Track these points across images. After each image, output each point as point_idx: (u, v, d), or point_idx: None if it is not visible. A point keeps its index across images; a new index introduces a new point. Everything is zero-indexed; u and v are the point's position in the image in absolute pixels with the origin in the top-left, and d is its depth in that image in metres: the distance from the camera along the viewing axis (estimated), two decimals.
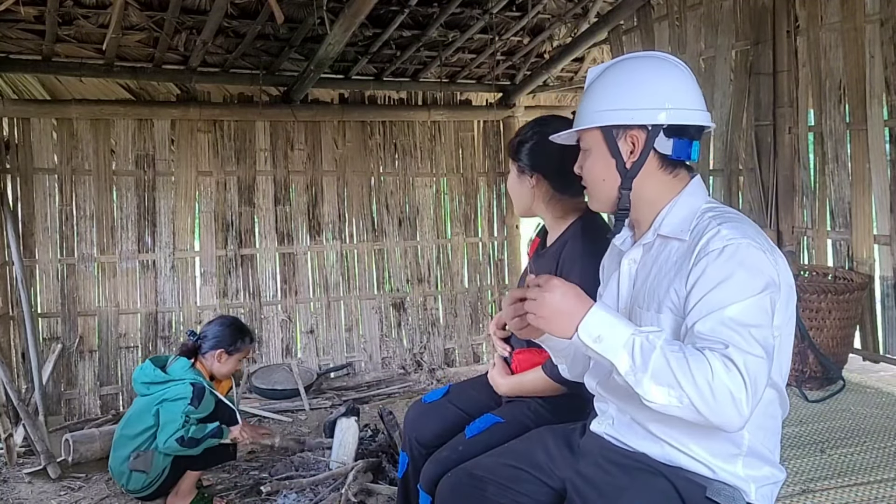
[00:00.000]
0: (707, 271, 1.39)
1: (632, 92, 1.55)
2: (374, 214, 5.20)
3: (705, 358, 1.28)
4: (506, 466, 1.67)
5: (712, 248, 1.41)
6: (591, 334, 1.36)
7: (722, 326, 1.33)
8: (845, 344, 2.97)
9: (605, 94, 1.59)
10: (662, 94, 1.55)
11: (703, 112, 1.59)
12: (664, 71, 1.58)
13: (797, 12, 3.40)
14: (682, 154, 1.56)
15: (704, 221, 1.49)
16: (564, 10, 4.53)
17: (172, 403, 2.94)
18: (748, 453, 1.48)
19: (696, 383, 1.26)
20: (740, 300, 1.35)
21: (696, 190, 1.59)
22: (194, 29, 4.00)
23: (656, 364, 1.29)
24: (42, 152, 4.36)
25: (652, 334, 1.34)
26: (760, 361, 1.30)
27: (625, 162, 1.56)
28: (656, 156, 1.56)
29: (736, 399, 1.26)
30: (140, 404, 3.06)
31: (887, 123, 3.04)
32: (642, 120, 1.54)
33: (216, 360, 3.13)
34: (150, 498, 3.08)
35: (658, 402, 1.30)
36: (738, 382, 1.26)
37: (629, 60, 1.63)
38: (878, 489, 1.97)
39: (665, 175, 1.57)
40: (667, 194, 1.57)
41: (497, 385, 2.18)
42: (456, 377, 4.83)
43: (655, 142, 1.54)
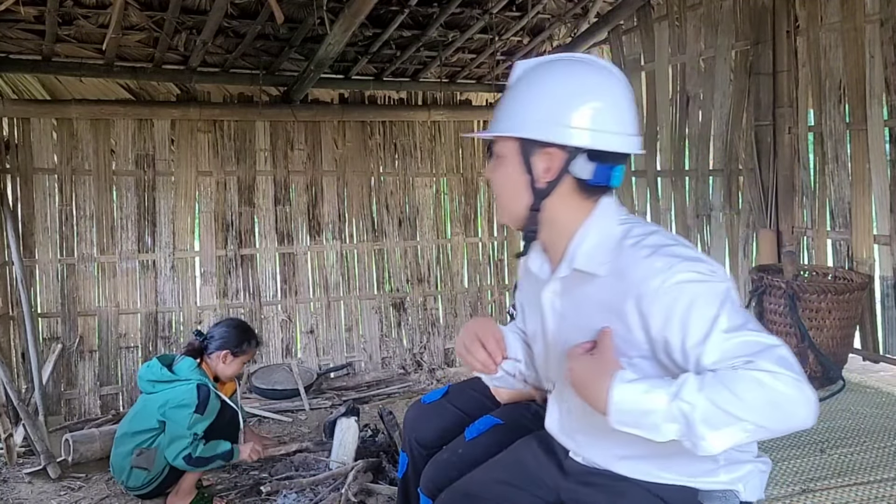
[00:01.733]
0: (669, 312, 1.29)
1: (558, 104, 1.40)
2: (374, 214, 5.20)
3: (749, 376, 1.18)
4: (500, 484, 1.62)
5: (656, 287, 1.30)
6: (626, 423, 1.26)
7: (728, 343, 1.24)
8: (845, 344, 2.97)
9: (529, 99, 1.43)
10: (592, 111, 1.39)
11: (633, 137, 1.44)
12: (600, 84, 1.42)
13: (797, 12, 3.40)
14: (602, 180, 1.42)
15: (626, 255, 1.37)
16: (564, 10, 4.53)
17: (178, 410, 2.94)
18: (726, 463, 1.45)
19: (752, 408, 1.18)
20: (720, 309, 1.27)
21: (605, 212, 1.45)
22: (194, 29, 4.00)
23: (703, 414, 1.19)
24: (42, 152, 4.36)
25: (681, 389, 1.22)
26: (783, 348, 1.23)
27: (536, 180, 1.43)
28: (572, 179, 1.42)
29: (795, 397, 1.18)
30: (145, 402, 3.07)
31: (887, 123, 3.04)
32: (563, 139, 1.39)
33: (221, 361, 3.14)
34: (150, 496, 3.09)
35: (726, 445, 1.21)
36: (787, 380, 1.18)
37: (564, 64, 1.46)
38: (878, 489, 1.97)
39: (579, 199, 1.44)
40: (579, 218, 1.45)
41: (498, 393, 2.18)
42: (456, 377, 4.83)
43: (574, 165, 1.40)
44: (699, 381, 1.22)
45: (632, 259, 1.35)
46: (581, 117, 1.39)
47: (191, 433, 2.93)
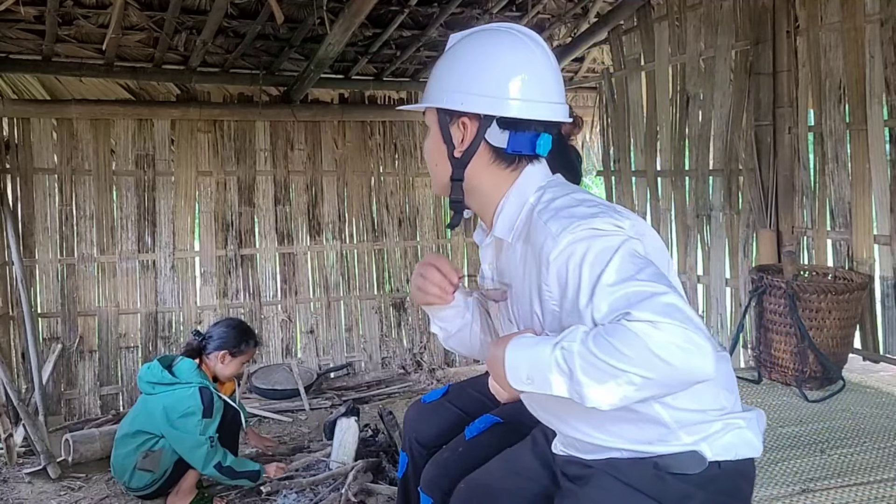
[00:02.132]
0: (563, 272, 1.26)
1: (471, 73, 1.40)
2: (374, 214, 5.20)
3: (625, 328, 1.13)
4: (513, 474, 1.63)
5: (549, 251, 1.28)
6: (521, 378, 1.23)
7: (614, 297, 1.18)
8: (845, 344, 2.97)
9: (447, 71, 1.44)
10: (504, 79, 1.38)
11: (551, 105, 1.41)
12: (514, 52, 1.40)
13: (797, 12, 3.40)
14: (522, 148, 1.40)
15: (534, 223, 1.35)
16: (564, 10, 4.53)
17: (186, 420, 2.94)
18: (680, 425, 1.36)
19: (632, 359, 1.11)
20: (608, 261, 1.21)
21: (527, 181, 1.43)
22: (194, 29, 4.00)
23: (583, 364, 1.15)
24: (42, 152, 4.36)
25: (566, 338, 1.19)
26: (670, 294, 1.15)
27: (454, 149, 1.43)
28: (489, 148, 1.41)
29: (682, 346, 1.10)
30: (146, 404, 3.07)
31: (887, 123, 3.04)
32: (473, 107, 1.38)
33: (220, 362, 3.14)
34: (151, 497, 3.09)
35: (614, 399, 1.15)
36: (670, 330, 1.11)
37: (482, 34, 1.45)
38: (878, 489, 1.97)
39: (500, 169, 1.43)
40: (502, 187, 1.44)
41: (499, 393, 2.18)
42: (456, 377, 4.83)
43: (487, 133, 1.40)
44: (584, 333, 1.18)
45: (535, 225, 1.34)
46: (486, 85, 1.38)
47: (206, 438, 2.94)
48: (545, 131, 1.42)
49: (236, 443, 3.24)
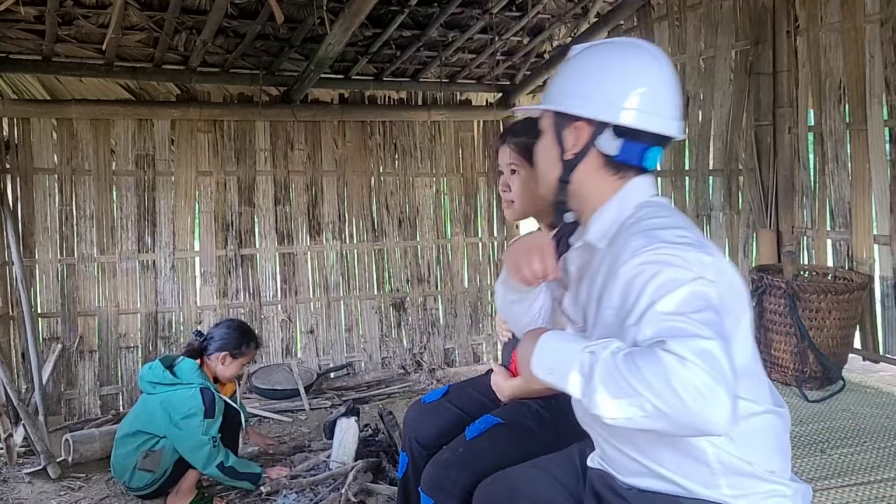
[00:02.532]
0: (627, 288, 1.26)
1: (592, 80, 1.43)
2: (374, 214, 5.20)
3: (656, 355, 1.13)
4: (544, 482, 1.62)
5: (623, 262, 1.29)
6: (544, 367, 1.26)
7: (661, 324, 1.18)
8: (845, 344, 2.97)
9: (568, 77, 1.48)
10: (624, 90, 1.41)
11: (667, 119, 1.43)
12: (637, 65, 1.43)
13: (797, 12, 3.40)
14: (631, 158, 1.43)
15: (622, 235, 1.37)
16: (564, 10, 4.53)
17: (188, 421, 2.94)
18: (724, 471, 1.34)
19: (651, 385, 1.11)
20: (670, 291, 1.20)
21: (631, 192, 1.45)
22: (194, 29, 4.00)
23: (604, 374, 1.16)
24: (42, 152, 4.36)
25: (599, 344, 1.20)
26: (713, 343, 1.13)
27: (566, 152, 1.46)
28: (599, 154, 1.44)
29: (702, 391, 1.09)
30: (146, 403, 3.07)
31: (887, 123, 3.04)
32: (590, 113, 1.42)
33: (220, 363, 3.14)
34: (151, 496, 3.09)
35: (620, 416, 1.14)
36: (696, 373, 1.09)
37: (606, 45, 1.50)
38: (878, 489, 1.97)
39: (607, 175, 1.46)
40: (605, 194, 1.46)
41: (500, 390, 2.18)
42: (456, 377, 4.83)
43: (600, 139, 1.43)
44: (617, 346, 1.19)
45: (623, 238, 1.36)
46: (605, 93, 1.41)
47: (208, 438, 2.95)
48: (657, 145, 1.44)
49: (237, 443, 3.24)
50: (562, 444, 1.80)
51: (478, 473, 1.82)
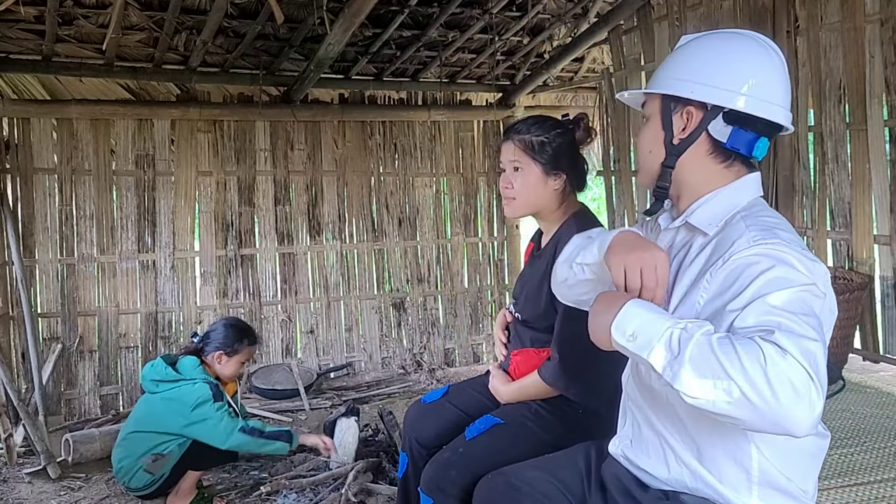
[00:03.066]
0: (735, 274, 1.25)
1: (704, 66, 1.43)
2: (374, 214, 5.20)
3: (756, 344, 1.10)
4: (545, 481, 1.61)
5: (738, 250, 1.27)
6: (625, 332, 1.22)
7: (767, 315, 1.16)
8: (845, 344, 2.97)
9: (678, 62, 1.48)
10: (737, 76, 1.40)
11: (779, 108, 1.41)
12: (752, 54, 1.42)
13: (797, 12, 3.40)
14: (740, 146, 1.41)
15: (735, 224, 1.36)
16: (564, 10, 4.53)
17: (202, 408, 2.94)
18: (761, 481, 1.32)
19: (746, 372, 1.08)
20: (783, 288, 1.19)
21: (746, 187, 1.44)
22: (194, 29, 4.00)
23: (696, 352, 1.12)
24: (42, 152, 4.36)
25: (692, 323, 1.18)
26: (818, 346, 1.12)
27: (673, 136, 1.45)
28: (709, 140, 1.43)
29: (798, 388, 1.06)
30: (149, 404, 3.04)
31: (887, 123, 3.04)
32: (703, 97, 1.41)
33: (217, 362, 3.12)
34: (150, 497, 3.08)
35: (703, 397, 1.11)
36: (796, 369, 1.07)
37: (721, 34, 1.51)
38: (878, 489, 1.97)
39: (714, 163, 1.44)
40: (711, 184, 1.44)
41: (498, 393, 2.18)
42: (456, 377, 4.83)
43: (711, 124, 1.41)
44: (711, 329, 1.17)
45: (737, 229, 1.34)
46: (720, 77, 1.40)
47: (222, 412, 2.96)
48: (766, 135, 1.42)
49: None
50: (562, 444, 1.80)
51: (477, 473, 1.82)
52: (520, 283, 2.27)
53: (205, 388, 2.97)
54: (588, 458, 1.67)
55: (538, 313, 2.11)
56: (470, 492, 1.80)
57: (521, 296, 2.22)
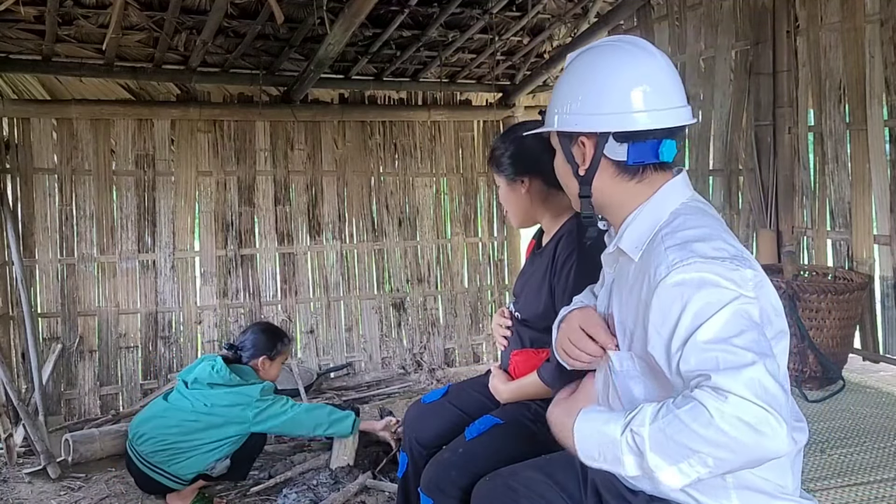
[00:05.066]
0: (664, 307, 1.26)
1: (580, 94, 1.41)
2: (374, 214, 5.20)
3: (697, 401, 1.13)
4: (542, 483, 1.61)
5: (660, 279, 1.27)
6: (593, 457, 1.27)
7: (703, 354, 1.18)
8: (845, 344, 2.97)
9: (560, 93, 1.47)
10: (612, 96, 1.38)
11: (665, 112, 1.39)
12: (622, 68, 1.40)
13: (797, 12, 3.40)
14: (644, 157, 1.39)
15: (655, 246, 1.34)
16: (564, 10, 4.53)
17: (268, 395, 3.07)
18: (738, 485, 1.33)
19: (703, 437, 1.12)
20: (709, 317, 1.20)
21: (666, 198, 1.42)
22: (194, 29, 4.00)
23: (654, 445, 1.16)
24: (42, 152, 4.36)
25: (635, 419, 1.20)
26: (757, 367, 1.13)
27: (578, 168, 1.45)
28: (611, 163, 1.42)
29: (754, 425, 1.10)
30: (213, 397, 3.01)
31: (887, 123, 3.04)
32: (586, 127, 1.40)
33: (261, 367, 3.21)
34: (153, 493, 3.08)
35: (686, 479, 1.15)
36: (744, 407, 1.10)
37: (590, 53, 1.46)
38: (878, 489, 1.97)
39: (626, 182, 1.43)
40: (633, 200, 1.43)
41: (498, 392, 2.18)
42: (456, 377, 4.83)
43: (606, 148, 1.40)
44: (653, 412, 1.19)
45: (656, 249, 1.33)
46: (601, 101, 1.39)
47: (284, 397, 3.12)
48: (667, 137, 1.40)
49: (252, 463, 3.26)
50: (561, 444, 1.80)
51: (477, 474, 1.82)
52: (520, 281, 2.27)
53: (268, 383, 3.13)
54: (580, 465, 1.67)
55: (538, 313, 2.10)
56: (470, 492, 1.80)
57: (522, 295, 2.22)
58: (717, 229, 1.36)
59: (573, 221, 2.10)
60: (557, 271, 2.03)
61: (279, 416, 3.04)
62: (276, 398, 3.09)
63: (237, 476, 3.21)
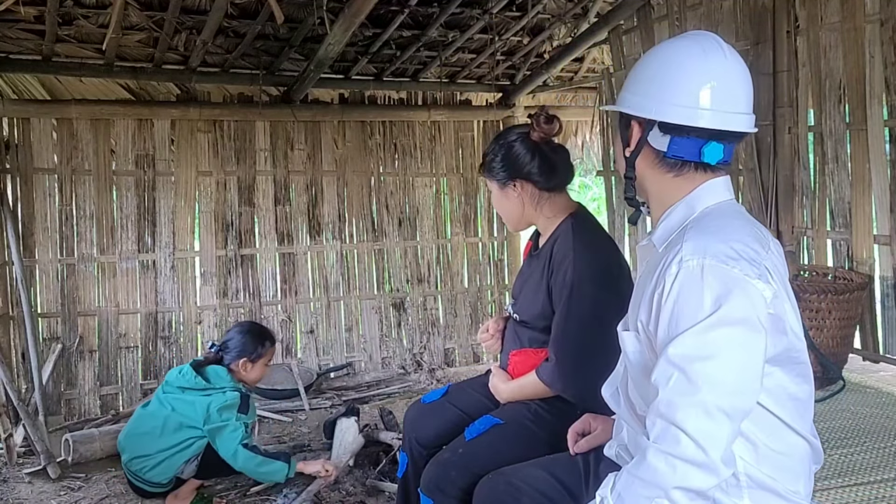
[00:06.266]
0: (658, 303, 1.30)
1: (644, 79, 1.45)
2: (374, 214, 5.20)
3: (643, 458, 1.25)
4: (545, 481, 1.63)
5: (667, 274, 1.29)
6: None
7: (665, 366, 1.25)
8: (845, 344, 2.97)
9: (629, 77, 1.51)
10: (672, 87, 1.40)
11: (719, 114, 1.39)
12: (681, 60, 1.41)
13: (797, 12, 3.40)
14: (683, 153, 1.40)
15: (679, 237, 1.36)
16: (564, 10, 4.53)
17: (225, 411, 2.96)
18: (750, 485, 1.34)
19: (661, 483, 1.22)
20: (682, 330, 1.24)
21: (703, 196, 1.42)
22: (194, 29, 3.99)
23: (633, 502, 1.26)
24: (42, 152, 4.36)
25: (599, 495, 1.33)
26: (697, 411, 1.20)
27: (626, 149, 1.50)
28: (652, 151, 1.44)
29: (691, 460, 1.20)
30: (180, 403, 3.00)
31: (887, 123, 3.04)
32: (638, 111, 1.43)
33: (242, 370, 3.14)
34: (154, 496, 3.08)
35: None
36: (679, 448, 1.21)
37: (670, 44, 1.49)
38: (878, 489, 1.97)
39: (664, 173, 1.44)
40: (672, 194, 1.45)
41: (498, 392, 2.18)
42: (456, 377, 4.83)
43: (650, 136, 1.43)
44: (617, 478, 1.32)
45: (677, 241, 1.35)
46: (659, 89, 1.41)
47: (240, 423, 2.97)
48: (714, 139, 1.39)
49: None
50: (562, 444, 1.80)
51: (477, 474, 1.82)
52: (518, 283, 2.28)
53: (235, 396, 3.00)
54: (587, 459, 1.67)
55: (536, 313, 2.11)
56: (470, 492, 1.80)
57: (520, 296, 2.22)
58: (744, 230, 1.36)
59: (568, 222, 2.10)
60: (554, 271, 2.04)
61: (224, 442, 2.93)
62: (228, 424, 2.94)
63: (212, 475, 3.14)
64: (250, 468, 2.97)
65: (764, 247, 1.35)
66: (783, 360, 1.34)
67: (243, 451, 2.92)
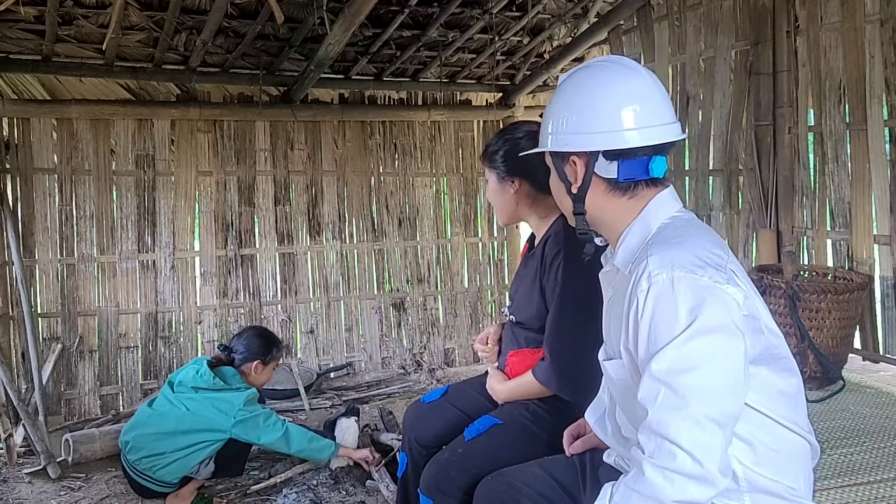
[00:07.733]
0: (634, 321, 1.30)
1: (570, 115, 1.44)
2: (374, 214, 5.20)
3: (641, 473, 1.24)
4: (545, 482, 1.63)
5: (639, 291, 1.29)
6: None
7: (650, 383, 1.25)
8: (845, 344, 2.96)
9: (551, 113, 1.49)
10: (600, 116, 1.40)
11: (652, 129, 1.40)
12: (608, 87, 1.42)
13: (797, 12, 3.40)
14: (634, 174, 1.42)
15: (642, 255, 1.36)
16: (564, 10, 4.53)
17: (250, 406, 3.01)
18: (751, 489, 1.35)
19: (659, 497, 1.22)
20: (662, 347, 1.24)
21: (655, 212, 1.44)
22: (194, 29, 3.99)
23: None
24: (42, 152, 4.36)
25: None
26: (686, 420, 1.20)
27: (571, 186, 1.48)
28: (602, 180, 1.44)
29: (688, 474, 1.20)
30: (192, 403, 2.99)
31: (887, 123, 3.04)
32: (576, 146, 1.43)
33: (253, 372, 3.18)
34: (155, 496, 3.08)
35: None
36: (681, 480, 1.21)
37: (579, 73, 1.49)
38: (878, 489, 1.97)
39: (618, 198, 1.45)
40: (626, 217, 1.45)
41: (495, 392, 2.18)
42: (456, 377, 4.83)
43: (596, 167, 1.43)
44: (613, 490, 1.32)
45: (641, 260, 1.35)
46: (589, 121, 1.41)
47: (271, 410, 3.07)
48: (657, 154, 1.42)
49: (245, 459, 3.23)
50: (560, 444, 1.80)
51: (477, 474, 1.82)
52: (515, 284, 2.28)
53: (253, 391, 3.07)
54: (583, 459, 1.68)
55: (531, 314, 2.11)
56: (469, 492, 1.80)
57: (516, 297, 2.23)
58: (703, 239, 1.37)
59: (560, 222, 2.10)
60: (546, 271, 2.04)
61: (261, 431, 2.97)
62: (261, 411, 3.02)
63: (225, 475, 3.17)
64: (303, 444, 3.05)
65: (724, 250, 1.37)
66: (766, 359, 1.35)
67: (294, 427, 3.03)
